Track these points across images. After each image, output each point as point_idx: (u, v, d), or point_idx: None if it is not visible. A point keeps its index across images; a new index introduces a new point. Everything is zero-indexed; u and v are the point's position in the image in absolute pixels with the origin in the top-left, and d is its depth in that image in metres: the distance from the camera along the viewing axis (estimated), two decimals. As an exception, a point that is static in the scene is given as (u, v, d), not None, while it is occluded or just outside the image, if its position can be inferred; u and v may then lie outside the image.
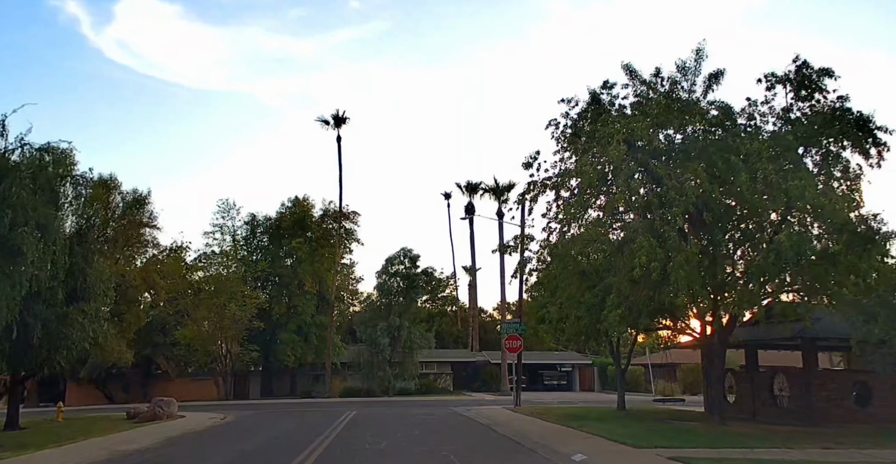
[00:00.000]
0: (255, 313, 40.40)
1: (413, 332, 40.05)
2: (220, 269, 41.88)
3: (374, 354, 39.19)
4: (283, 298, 43.64)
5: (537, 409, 24.83)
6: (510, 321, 26.58)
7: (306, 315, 42.77)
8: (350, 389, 41.04)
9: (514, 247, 20.18)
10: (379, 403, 34.27)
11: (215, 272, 41.16)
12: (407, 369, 39.95)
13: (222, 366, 39.73)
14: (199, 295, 39.24)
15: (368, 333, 39.86)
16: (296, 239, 42.82)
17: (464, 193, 59.37)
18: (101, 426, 20.80)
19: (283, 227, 44.98)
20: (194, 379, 43.06)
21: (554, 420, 19.08)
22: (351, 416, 23.02)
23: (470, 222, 58.65)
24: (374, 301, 42.26)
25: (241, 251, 46.23)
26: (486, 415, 23.05)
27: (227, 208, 46.52)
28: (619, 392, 23.97)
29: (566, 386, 50.01)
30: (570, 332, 19.09)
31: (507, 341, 25.69)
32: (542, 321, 22.95)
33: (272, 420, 23.28)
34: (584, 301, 16.36)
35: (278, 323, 43.45)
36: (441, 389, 45.55)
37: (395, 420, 21.23)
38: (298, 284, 43.02)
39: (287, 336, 41.78)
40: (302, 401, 37.51)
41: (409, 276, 40.99)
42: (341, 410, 26.53)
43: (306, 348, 42.82)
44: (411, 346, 39.95)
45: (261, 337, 43.98)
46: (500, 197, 44.45)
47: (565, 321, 19.02)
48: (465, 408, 27.40)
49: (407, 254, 41.69)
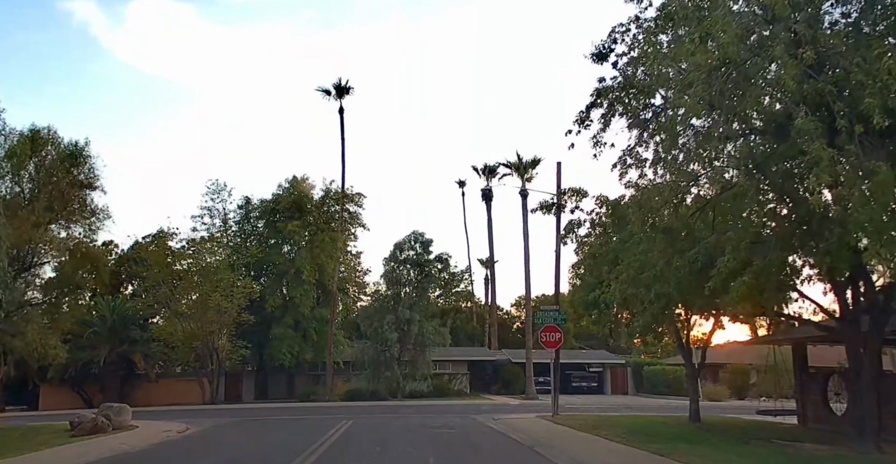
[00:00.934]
0: (245, 305, 35.43)
1: (425, 326, 34.90)
2: (208, 256, 36.82)
3: (380, 351, 34.07)
4: (278, 289, 38.63)
5: (581, 418, 19.62)
6: (547, 309, 21.18)
7: (304, 308, 37.69)
8: (354, 391, 36.01)
9: (566, 208, 15.00)
10: (385, 408, 29.19)
11: (200, 258, 36.07)
12: (418, 369, 34.80)
13: (208, 365, 34.77)
14: (179, 283, 34.31)
15: (374, 328, 34.76)
16: (293, 222, 37.75)
17: (480, 176, 54.23)
18: (25, 442, 16.01)
19: (280, 210, 39.95)
20: (181, 380, 38.47)
21: (620, 439, 13.85)
22: (344, 428, 17.94)
23: (487, 209, 53.61)
24: (381, 292, 37.03)
25: (232, 237, 41.27)
26: (520, 428, 17.89)
27: (218, 190, 41.54)
28: (692, 398, 18.63)
29: (596, 388, 44.66)
30: (645, 317, 13.78)
31: (544, 334, 20.44)
32: (591, 306, 17.61)
33: (241, 434, 18.27)
34: (676, 269, 11.06)
35: (273, 317, 38.49)
36: (456, 391, 40.42)
37: (400, 436, 16.10)
38: (296, 273, 37.97)
39: (282, 331, 36.77)
40: (297, 405, 32.50)
41: (420, 263, 35.83)
42: (336, 418, 21.47)
43: (304, 345, 37.80)
44: (423, 342, 34.78)
45: (254, 333, 39.04)
46: (524, 175, 39.27)
47: (640, 303, 13.66)
48: (490, 416, 22.27)
49: (418, 238, 36.55)
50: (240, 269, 38.09)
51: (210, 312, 32.89)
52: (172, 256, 37.28)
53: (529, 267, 37.63)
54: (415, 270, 35.79)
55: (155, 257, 36.10)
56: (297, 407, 30.97)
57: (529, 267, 37.63)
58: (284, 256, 38.56)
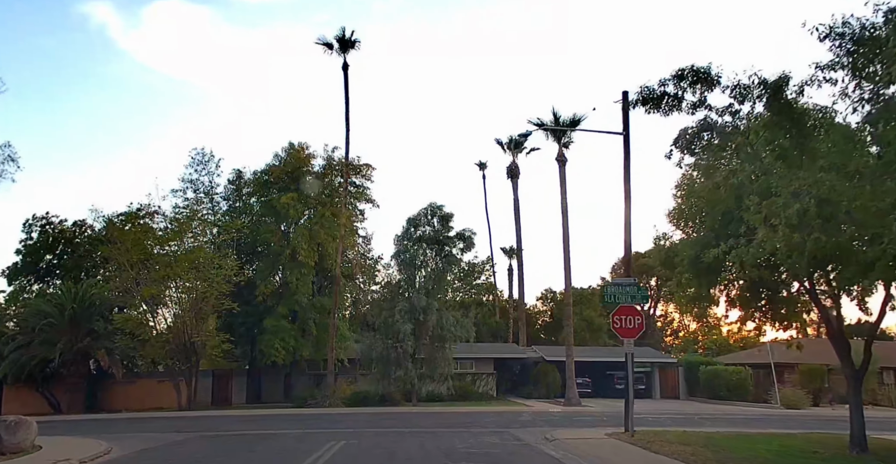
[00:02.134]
0: (230, 292, 29.62)
1: (445, 317, 28.78)
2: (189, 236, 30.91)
3: (391, 346, 28.02)
4: (272, 274, 32.77)
5: (673, 439, 13.45)
6: (621, 282, 14.86)
7: (302, 295, 31.74)
8: (360, 394, 30.09)
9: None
10: (395, 416, 23.16)
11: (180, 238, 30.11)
12: (437, 367, 28.72)
13: (183, 364, 28.96)
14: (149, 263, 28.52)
15: (384, 318, 28.75)
16: (287, 194, 31.80)
17: (505, 150, 48.10)
18: None
19: (274, 182, 34.07)
20: (163, 381, 32.85)
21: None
22: (325, 460, 11.86)
23: (513, 188, 47.37)
24: (392, 278, 30.94)
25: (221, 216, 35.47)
26: (593, 456, 11.76)
27: (203, 160, 35.85)
28: (853, 410, 12.23)
29: (643, 391, 38.27)
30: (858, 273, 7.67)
31: (618, 319, 14.27)
32: (706, 272, 11.25)
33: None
34: None
35: (266, 307, 32.73)
36: (480, 394, 34.36)
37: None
38: (291, 254, 32.12)
39: (275, 323, 30.91)
40: (288, 412, 26.60)
41: (438, 240, 29.70)
42: (326, 435, 15.47)
43: (302, 340, 31.93)
44: (443, 336, 28.68)
45: (244, 326, 33.31)
46: (561, 139, 32.99)
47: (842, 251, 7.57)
48: (537, 432, 16.20)
49: (435, 211, 30.45)
50: (227, 251, 32.25)
51: (185, 299, 27.10)
52: (151, 238, 31.39)
53: (569, 244, 31.45)
54: (432, 249, 29.69)
55: (126, 237, 30.32)
56: (288, 415, 25.07)
57: (569, 244, 31.45)
58: (279, 234, 32.59)
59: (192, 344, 28.29)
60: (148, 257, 29.73)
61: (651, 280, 70.18)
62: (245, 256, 34.60)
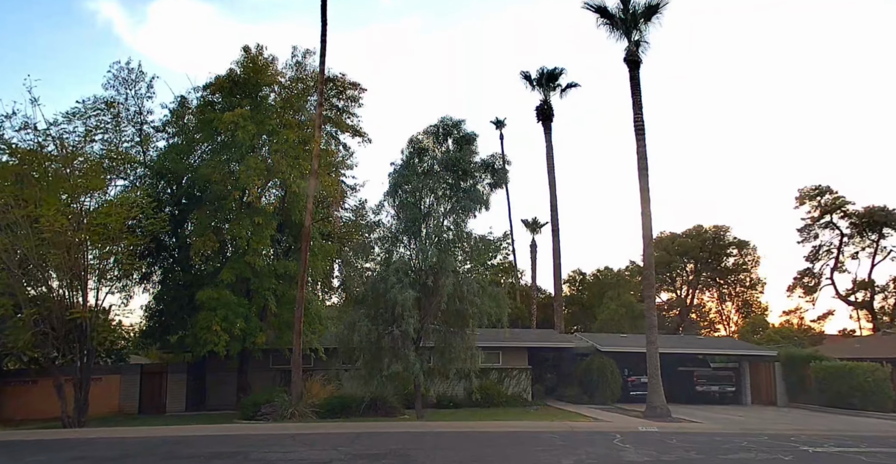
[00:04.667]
0: (143, 246, 19.63)
1: (466, 282, 18.61)
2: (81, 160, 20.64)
3: (383, 328, 17.95)
4: (211, 224, 22.58)
5: None
6: None
7: (254, 256, 21.59)
8: (339, 399, 20.18)
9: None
10: (385, 443, 13.04)
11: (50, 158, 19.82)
12: (453, 360, 18.55)
13: (65, 354, 18.92)
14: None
15: (373, 285, 18.64)
16: (236, 110, 21.61)
17: (534, 87, 37.91)
18: None
19: (219, 102, 23.91)
20: (35, 381, 23.81)
21: None
22: None
23: (546, 133, 37.20)
24: (384, 227, 20.44)
25: (143, 145, 25.41)
26: None
27: (130, 78, 25.48)
28: None
29: (733, 396, 28.12)
30: None
31: None
32: None
33: None
34: None
35: (203, 275, 22.86)
36: (510, 397, 24.64)
37: None
38: (240, 197, 22.15)
39: (213, 295, 20.79)
40: (223, 432, 16.54)
41: (456, 166, 19.46)
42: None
43: (256, 321, 21.91)
44: (461, 311, 18.47)
45: (177, 301, 23.41)
46: (631, 32, 22.67)
47: None
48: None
49: (450, 130, 20.24)
50: (144, 188, 22.21)
51: (55, 255, 17.01)
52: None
53: (647, 183, 21.25)
54: (446, 179, 19.46)
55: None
56: (215, 437, 15.03)
57: (647, 183, 21.25)
58: (222, 169, 22.33)
59: (75, 323, 18.22)
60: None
61: (688, 264, 60.57)
62: (178, 209, 24.47)
